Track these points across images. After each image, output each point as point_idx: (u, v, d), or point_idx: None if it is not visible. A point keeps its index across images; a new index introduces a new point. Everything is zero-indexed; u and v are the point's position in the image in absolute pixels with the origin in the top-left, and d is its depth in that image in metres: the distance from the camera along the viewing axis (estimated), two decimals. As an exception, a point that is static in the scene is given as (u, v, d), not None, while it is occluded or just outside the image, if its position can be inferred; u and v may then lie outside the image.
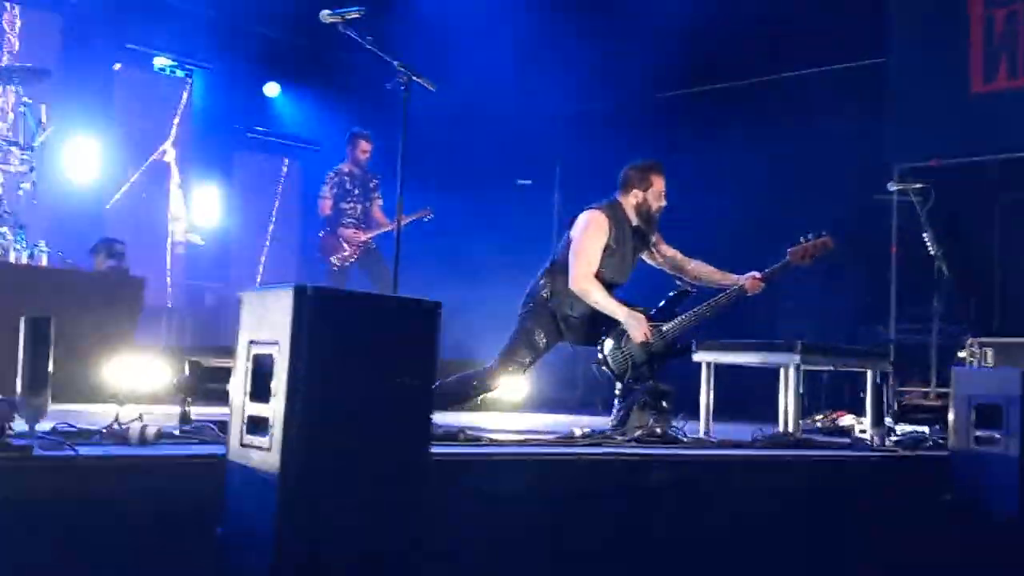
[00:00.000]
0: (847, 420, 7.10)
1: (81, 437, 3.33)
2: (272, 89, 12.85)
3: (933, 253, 7.46)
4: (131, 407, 3.58)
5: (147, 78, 11.37)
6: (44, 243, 7.98)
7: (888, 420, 6.42)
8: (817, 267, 6.38)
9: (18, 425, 3.03)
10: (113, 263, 8.04)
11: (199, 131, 11.86)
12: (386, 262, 8.96)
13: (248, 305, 3.09)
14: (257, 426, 2.93)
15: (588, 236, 6.12)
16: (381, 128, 9.35)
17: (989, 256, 11.09)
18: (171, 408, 3.89)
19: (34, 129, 8.15)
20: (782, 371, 6.14)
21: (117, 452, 3.13)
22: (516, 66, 11.31)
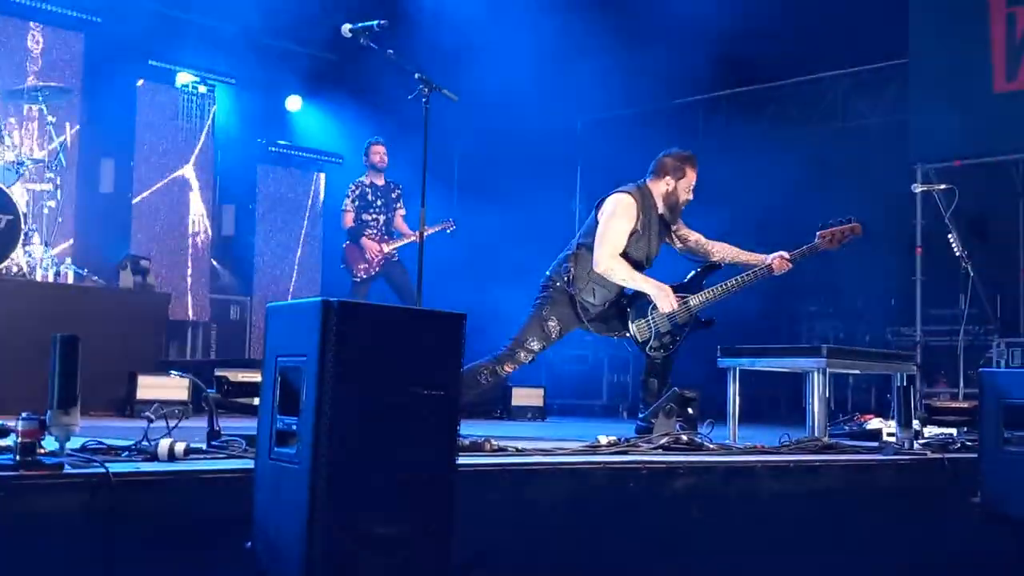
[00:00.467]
0: (874, 423, 7.06)
1: (110, 454, 3.35)
2: (294, 103, 12.93)
3: (958, 254, 7.42)
4: (159, 423, 3.59)
5: (170, 94, 11.45)
6: (69, 260, 8.05)
7: (916, 423, 6.39)
8: (843, 270, 6.38)
9: (48, 443, 3.05)
10: (139, 279, 8.10)
11: (222, 145, 11.93)
12: (409, 273, 8.98)
13: (275, 319, 3.10)
14: (285, 440, 2.94)
15: (616, 219, 6.13)
16: (403, 140, 9.37)
17: (1015, 256, 11.04)
18: (199, 423, 3.90)
19: (58, 147, 8.22)
20: (808, 376, 6.12)
21: (146, 468, 3.15)
22: (537, 74, 11.31)
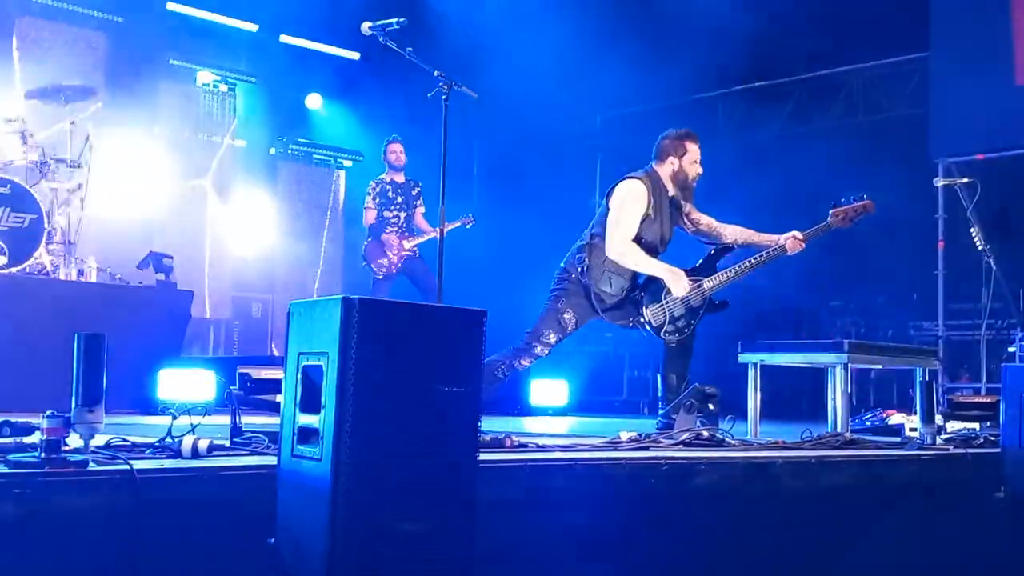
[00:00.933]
0: (897, 418, 7.04)
1: (134, 451, 3.37)
2: (314, 101, 12.95)
3: (980, 248, 7.38)
4: (182, 420, 3.61)
5: (191, 93, 11.48)
6: (93, 259, 8.09)
7: (938, 418, 6.36)
8: (865, 264, 6.35)
9: (73, 440, 3.07)
10: (161, 277, 8.13)
11: (243, 142, 11.97)
12: (431, 269, 8.99)
13: (297, 317, 3.12)
14: (308, 437, 2.95)
15: (627, 205, 6.15)
16: (423, 138, 9.39)
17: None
18: (222, 420, 3.92)
19: (81, 146, 8.26)
20: (830, 371, 6.11)
21: (170, 465, 3.17)
22: (557, 71, 11.32)
